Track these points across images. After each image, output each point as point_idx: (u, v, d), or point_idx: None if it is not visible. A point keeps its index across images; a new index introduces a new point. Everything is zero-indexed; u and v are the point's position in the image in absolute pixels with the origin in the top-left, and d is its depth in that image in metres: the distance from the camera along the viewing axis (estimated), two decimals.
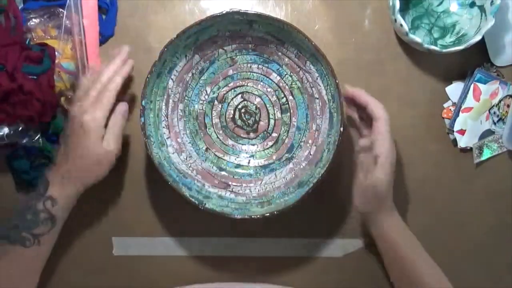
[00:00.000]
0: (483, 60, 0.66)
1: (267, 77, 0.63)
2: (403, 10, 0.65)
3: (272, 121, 0.64)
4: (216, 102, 0.64)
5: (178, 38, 0.56)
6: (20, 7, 0.62)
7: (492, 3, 0.60)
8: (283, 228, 0.67)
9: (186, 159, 0.62)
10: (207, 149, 0.64)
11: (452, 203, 0.67)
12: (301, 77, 0.62)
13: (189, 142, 0.63)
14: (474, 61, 0.65)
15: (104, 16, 0.66)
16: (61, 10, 0.64)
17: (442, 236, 0.68)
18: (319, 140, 0.61)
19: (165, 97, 0.61)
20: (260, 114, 0.64)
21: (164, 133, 0.61)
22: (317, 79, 0.60)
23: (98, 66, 0.63)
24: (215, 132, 0.64)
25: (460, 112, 0.65)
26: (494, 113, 0.65)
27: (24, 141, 0.62)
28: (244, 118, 0.64)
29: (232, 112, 0.64)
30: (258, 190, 0.62)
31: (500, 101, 0.65)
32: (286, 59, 0.61)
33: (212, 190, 0.61)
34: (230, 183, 0.63)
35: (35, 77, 0.60)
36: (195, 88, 0.63)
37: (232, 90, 0.63)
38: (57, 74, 0.62)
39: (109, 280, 0.67)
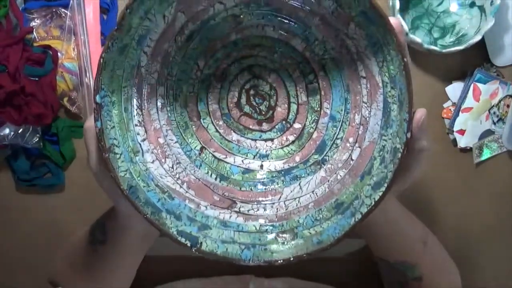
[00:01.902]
0: (483, 60, 0.65)
1: (288, 43, 0.43)
2: (403, 10, 0.65)
3: (294, 106, 0.45)
4: (213, 81, 0.45)
5: None
6: (21, 8, 0.63)
7: (492, 3, 0.60)
8: None
9: (172, 167, 0.43)
10: (202, 149, 0.45)
11: (452, 203, 0.67)
12: (339, 43, 0.41)
13: (176, 142, 0.44)
14: (474, 61, 0.65)
15: (105, 16, 0.66)
16: (63, 10, 0.64)
17: (442, 236, 0.68)
18: (366, 141, 0.41)
19: (136, 80, 0.41)
20: (276, 97, 0.45)
21: (138, 134, 0.42)
22: (365, 49, 0.39)
23: None
24: (213, 123, 0.45)
25: (460, 112, 0.65)
26: (494, 113, 0.65)
27: (25, 142, 0.62)
28: (254, 103, 0.46)
29: (236, 94, 0.45)
30: (277, 210, 0.43)
31: (500, 101, 0.65)
32: (317, 18, 0.40)
33: (211, 212, 0.42)
34: (236, 198, 0.44)
35: (36, 78, 0.60)
36: (181, 62, 0.43)
37: (236, 63, 0.44)
38: (60, 75, 0.62)
39: None
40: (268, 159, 0.45)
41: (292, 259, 0.38)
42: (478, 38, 0.59)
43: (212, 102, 0.45)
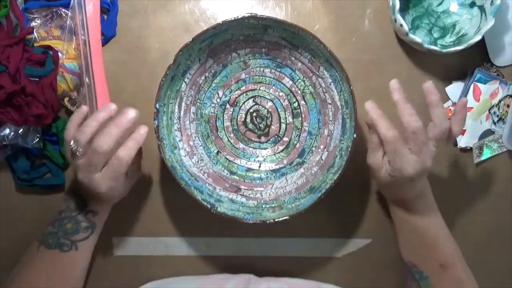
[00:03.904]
0: (483, 60, 0.66)
1: (280, 81, 0.63)
2: (403, 10, 0.65)
3: (283, 126, 0.64)
4: (228, 106, 0.64)
5: (193, 42, 0.56)
6: (21, 8, 0.63)
7: (492, 3, 0.60)
8: (282, 228, 0.67)
9: (198, 162, 0.62)
10: (218, 152, 0.64)
11: (452, 203, 0.67)
12: (313, 82, 0.61)
13: (201, 145, 0.63)
14: (474, 61, 0.65)
15: (105, 17, 0.66)
16: (63, 10, 0.64)
17: None
18: (331, 146, 0.61)
19: (178, 100, 0.61)
20: (271, 118, 0.64)
21: (176, 136, 0.61)
22: (330, 84, 0.60)
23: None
24: (226, 135, 0.64)
25: None
26: (494, 113, 0.65)
27: (25, 142, 0.62)
28: (256, 122, 0.64)
29: (243, 115, 0.64)
30: (269, 195, 0.62)
31: (500, 101, 0.65)
32: (299, 64, 0.61)
33: (223, 193, 0.61)
34: (241, 186, 0.63)
35: (37, 79, 0.60)
36: (207, 91, 0.63)
37: (244, 94, 0.64)
38: (60, 75, 0.62)
39: (110, 280, 0.68)
40: (264, 162, 0.64)
41: (279, 219, 0.57)
42: (478, 38, 0.59)
43: (226, 120, 0.64)
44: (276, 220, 0.57)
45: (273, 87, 0.63)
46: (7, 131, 0.61)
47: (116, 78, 0.66)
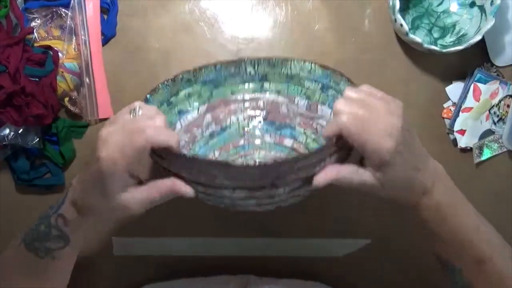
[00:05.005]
0: (483, 60, 0.66)
1: (280, 144, 0.60)
2: (403, 10, 0.65)
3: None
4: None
5: (195, 74, 0.56)
6: (21, 8, 0.63)
7: (492, 3, 0.60)
8: (283, 228, 0.67)
9: None
10: None
11: None
12: (315, 128, 0.59)
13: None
14: (474, 61, 0.65)
15: (105, 17, 0.66)
16: (63, 10, 0.64)
17: None
18: None
19: (172, 128, 0.57)
20: None
21: None
22: (331, 117, 0.56)
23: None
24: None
25: (460, 112, 0.65)
26: (494, 113, 0.65)
27: (25, 142, 0.62)
28: None
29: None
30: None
31: (500, 101, 0.65)
32: (298, 119, 0.59)
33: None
34: None
35: (37, 79, 0.60)
36: (203, 147, 0.59)
37: (243, 157, 0.60)
38: (61, 75, 0.63)
39: (110, 280, 0.68)
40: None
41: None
42: (478, 38, 0.59)
43: None
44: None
45: (274, 151, 0.60)
46: (7, 131, 0.61)
47: (116, 78, 0.66)
